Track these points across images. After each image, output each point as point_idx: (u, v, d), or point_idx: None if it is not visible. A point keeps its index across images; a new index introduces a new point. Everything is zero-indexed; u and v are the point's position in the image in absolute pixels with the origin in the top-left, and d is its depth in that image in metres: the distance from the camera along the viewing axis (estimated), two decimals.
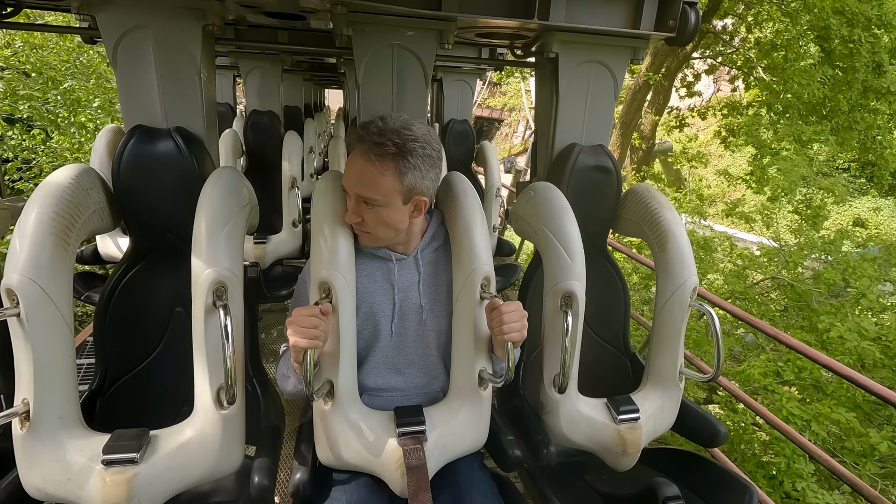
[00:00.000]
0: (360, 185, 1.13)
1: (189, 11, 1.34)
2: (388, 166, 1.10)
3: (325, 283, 1.15)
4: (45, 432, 1.04)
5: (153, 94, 1.39)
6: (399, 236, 1.23)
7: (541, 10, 1.41)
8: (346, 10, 1.35)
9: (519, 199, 1.54)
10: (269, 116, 3.25)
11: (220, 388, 1.12)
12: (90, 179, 1.20)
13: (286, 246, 2.92)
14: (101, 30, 1.33)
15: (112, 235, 2.62)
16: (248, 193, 1.32)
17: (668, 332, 1.45)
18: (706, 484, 1.44)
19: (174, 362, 1.38)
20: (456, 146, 3.56)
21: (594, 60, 1.62)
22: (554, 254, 1.34)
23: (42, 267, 1.02)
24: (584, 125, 1.68)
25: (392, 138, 1.10)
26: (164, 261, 1.39)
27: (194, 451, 1.12)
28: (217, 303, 1.11)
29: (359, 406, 1.20)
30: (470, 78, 3.57)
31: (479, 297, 1.20)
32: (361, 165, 1.12)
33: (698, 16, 1.50)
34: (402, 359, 1.28)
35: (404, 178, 1.12)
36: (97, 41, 2.43)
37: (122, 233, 2.63)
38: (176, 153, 1.37)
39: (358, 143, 1.14)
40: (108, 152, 2.50)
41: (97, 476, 1.02)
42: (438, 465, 1.21)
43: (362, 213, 1.15)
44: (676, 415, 1.47)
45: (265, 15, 1.64)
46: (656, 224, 1.48)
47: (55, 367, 1.05)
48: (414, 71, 1.49)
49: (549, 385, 1.36)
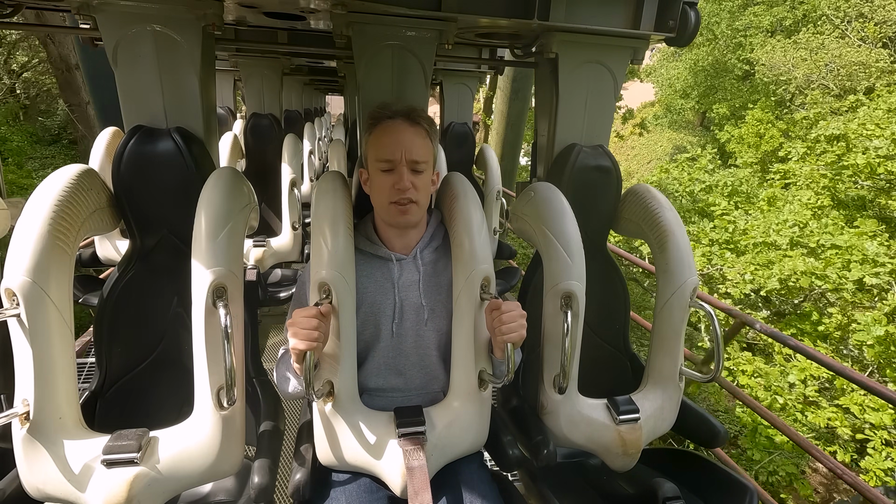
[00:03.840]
0: (412, 149, 1.17)
1: (189, 12, 1.34)
2: (423, 132, 1.20)
3: (325, 284, 1.14)
4: (45, 433, 1.04)
5: (153, 95, 1.39)
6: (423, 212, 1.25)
7: (541, 10, 1.41)
8: (345, 10, 1.35)
9: (519, 199, 1.54)
10: (269, 119, 3.25)
11: (221, 388, 1.12)
12: (90, 180, 1.20)
13: (286, 249, 2.90)
14: (101, 30, 1.33)
15: (111, 238, 2.63)
16: (248, 193, 1.32)
17: (668, 332, 1.45)
18: (706, 484, 1.44)
19: (174, 363, 1.38)
20: (456, 149, 3.56)
21: (594, 61, 1.62)
22: (554, 254, 1.34)
23: (42, 267, 1.01)
24: (583, 125, 1.68)
25: (416, 111, 1.21)
26: (164, 261, 1.39)
27: (194, 451, 1.12)
28: (217, 303, 1.10)
29: (359, 406, 1.19)
30: (470, 81, 3.57)
31: (480, 297, 1.20)
32: (405, 131, 1.17)
33: (698, 16, 1.50)
34: (402, 359, 1.28)
35: (434, 145, 1.22)
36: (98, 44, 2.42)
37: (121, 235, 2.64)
38: (176, 153, 1.37)
39: (387, 119, 1.19)
40: (107, 154, 2.50)
41: (97, 477, 1.02)
42: (438, 466, 1.21)
43: (413, 181, 1.17)
44: (676, 415, 1.47)
45: (265, 15, 1.64)
46: (656, 224, 1.48)
47: (55, 368, 1.04)
48: (414, 71, 1.49)
49: (549, 385, 1.36)
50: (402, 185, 1.15)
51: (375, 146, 1.19)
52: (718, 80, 17.83)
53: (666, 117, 20.62)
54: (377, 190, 1.20)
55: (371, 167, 1.21)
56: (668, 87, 20.08)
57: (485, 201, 3.21)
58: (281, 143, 3.03)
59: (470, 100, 3.63)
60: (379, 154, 1.18)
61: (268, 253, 2.82)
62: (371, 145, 1.21)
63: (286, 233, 2.91)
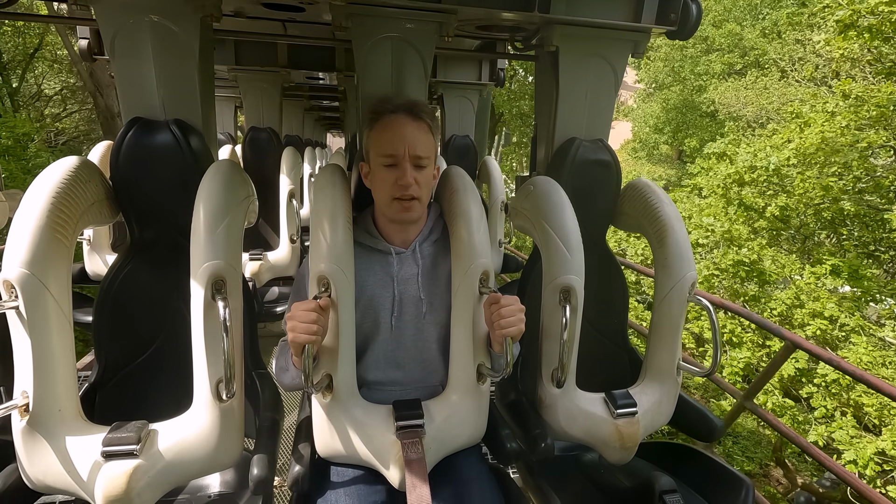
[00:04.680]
0: (415, 144, 1.16)
1: (187, 2, 1.33)
2: (426, 127, 1.19)
3: (324, 278, 1.14)
4: (44, 425, 1.04)
5: (151, 87, 1.38)
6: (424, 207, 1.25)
7: (541, 2, 1.40)
8: (345, 1, 1.34)
9: (518, 193, 1.53)
10: (267, 133, 3.18)
11: (220, 381, 1.12)
12: (88, 171, 1.20)
13: (283, 262, 2.82)
14: (99, 21, 1.32)
15: (101, 254, 2.58)
16: (247, 186, 1.32)
17: (666, 326, 1.45)
18: (703, 478, 1.45)
19: (173, 355, 1.39)
20: (458, 161, 3.48)
21: (595, 54, 1.61)
22: (553, 248, 1.34)
23: (40, 260, 1.01)
24: (584, 119, 1.67)
25: (419, 105, 1.19)
26: (162, 254, 1.39)
27: (193, 444, 1.12)
28: (216, 296, 1.10)
29: (358, 400, 1.20)
30: (471, 94, 3.53)
31: (479, 291, 1.20)
32: (408, 125, 1.16)
33: (700, 9, 1.49)
34: (401, 352, 1.28)
35: (435, 139, 1.21)
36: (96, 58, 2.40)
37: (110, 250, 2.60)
38: (174, 145, 1.36)
39: (390, 113, 1.18)
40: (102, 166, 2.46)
41: (97, 468, 1.03)
42: (437, 459, 1.21)
43: (416, 177, 1.16)
44: (674, 409, 1.48)
45: (263, 6, 1.62)
46: (656, 219, 1.48)
47: (54, 360, 1.05)
48: (414, 64, 1.48)
49: (547, 379, 1.36)
50: (405, 181, 1.15)
51: (378, 141, 1.18)
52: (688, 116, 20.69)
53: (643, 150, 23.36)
54: (379, 185, 1.20)
55: (373, 162, 1.20)
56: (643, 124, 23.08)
57: (489, 213, 3.17)
58: (279, 158, 2.96)
59: (471, 112, 3.59)
60: (382, 149, 1.17)
61: (264, 266, 2.75)
62: (373, 140, 1.20)
63: (284, 246, 2.84)
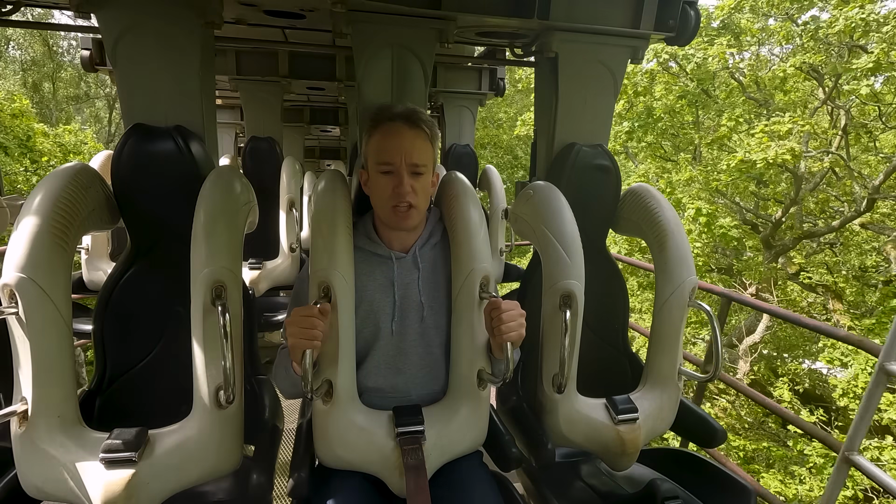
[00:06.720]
0: (412, 152, 1.16)
1: (189, 9, 1.34)
2: (424, 134, 1.19)
3: (324, 283, 1.14)
4: (43, 431, 1.04)
5: (153, 93, 1.38)
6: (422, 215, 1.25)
7: (541, 8, 1.41)
8: (345, 8, 1.35)
9: (518, 198, 1.54)
10: (268, 142, 3.18)
11: (219, 387, 1.12)
12: (89, 177, 1.20)
13: (283, 272, 2.81)
14: (101, 27, 1.33)
15: (99, 262, 2.57)
16: (247, 192, 1.32)
17: (666, 331, 1.45)
18: (705, 484, 1.43)
19: (173, 361, 1.38)
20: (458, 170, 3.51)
21: (594, 60, 1.62)
22: (553, 253, 1.34)
23: (40, 265, 1.01)
24: (583, 125, 1.68)
25: (417, 113, 1.20)
26: (163, 259, 1.39)
27: (193, 450, 1.11)
28: (216, 301, 1.10)
29: (358, 406, 1.19)
30: (471, 103, 3.55)
31: (479, 296, 1.20)
32: (405, 133, 1.17)
33: (698, 15, 1.50)
34: (402, 358, 1.27)
35: (434, 146, 1.22)
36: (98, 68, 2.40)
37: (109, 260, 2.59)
38: (175, 151, 1.36)
39: (388, 121, 1.18)
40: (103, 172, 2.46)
41: (96, 475, 1.02)
42: (437, 465, 1.21)
43: (413, 185, 1.17)
44: (675, 415, 1.47)
45: (265, 14, 1.64)
46: (656, 224, 1.48)
47: (53, 366, 1.04)
48: (414, 70, 1.49)
49: (548, 385, 1.36)
50: (402, 190, 1.16)
51: (376, 149, 1.19)
52: None
53: None
54: (377, 192, 1.20)
55: (371, 169, 1.21)
56: None
57: (489, 222, 3.15)
58: (279, 168, 2.95)
59: (471, 122, 3.61)
60: (379, 157, 1.18)
61: (263, 275, 2.73)
62: (371, 147, 1.21)
63: (283, 255, 2.83)
